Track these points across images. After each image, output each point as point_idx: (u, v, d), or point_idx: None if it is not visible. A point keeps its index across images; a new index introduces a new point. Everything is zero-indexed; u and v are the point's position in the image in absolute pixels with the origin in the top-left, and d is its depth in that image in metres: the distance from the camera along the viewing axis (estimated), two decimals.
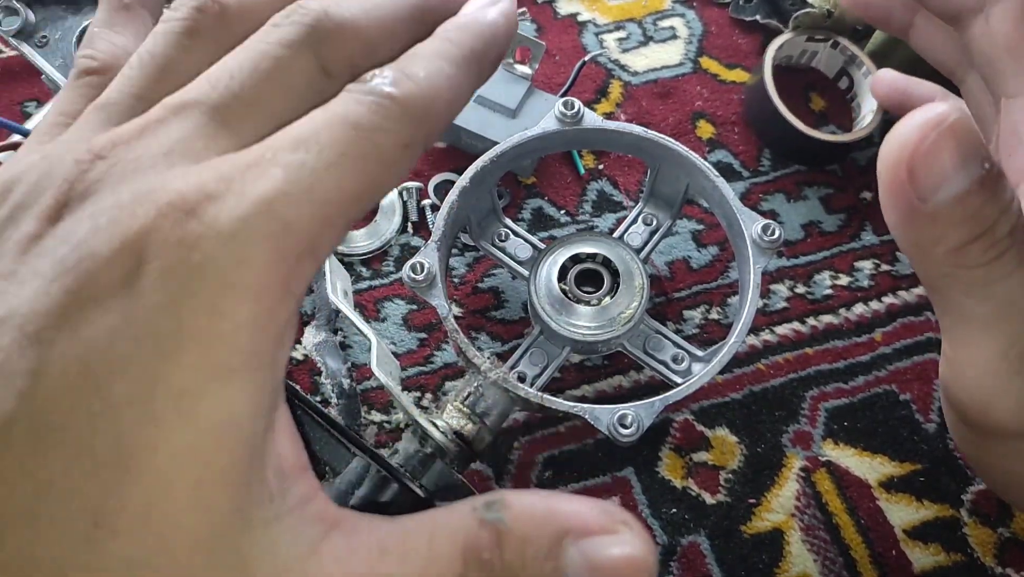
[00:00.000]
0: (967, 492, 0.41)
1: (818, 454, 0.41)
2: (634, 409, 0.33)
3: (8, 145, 0.37)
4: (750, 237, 0.37)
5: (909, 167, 0.18)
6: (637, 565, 0.16)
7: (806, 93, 0.51)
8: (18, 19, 0.37)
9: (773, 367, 0.43)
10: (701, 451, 0.41)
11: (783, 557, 0.39)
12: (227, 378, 0.16)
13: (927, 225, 0.19)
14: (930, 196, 0.18)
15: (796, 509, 0.40)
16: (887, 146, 0.19)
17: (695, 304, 0.45)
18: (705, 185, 0.39)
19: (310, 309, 0.44)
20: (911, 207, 0.19)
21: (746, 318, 0.36)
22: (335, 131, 0.17)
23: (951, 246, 0.19)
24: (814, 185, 0.48)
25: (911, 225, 0.19)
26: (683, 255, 0.46)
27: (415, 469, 0.32)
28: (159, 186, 0.16)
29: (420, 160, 0.48)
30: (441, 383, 0.43)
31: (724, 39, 0.53)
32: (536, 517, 0.16)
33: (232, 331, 0.16)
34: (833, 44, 0.50)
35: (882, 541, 0.39)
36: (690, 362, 0.39)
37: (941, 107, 0.18)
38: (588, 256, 0.40)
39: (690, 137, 0.50)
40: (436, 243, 0.37)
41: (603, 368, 0.43)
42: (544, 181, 0.48)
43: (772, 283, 0.46)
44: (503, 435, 0.41)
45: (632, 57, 0.52)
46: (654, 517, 0.40)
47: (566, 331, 0.38)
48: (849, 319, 0.45)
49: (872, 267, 0.46)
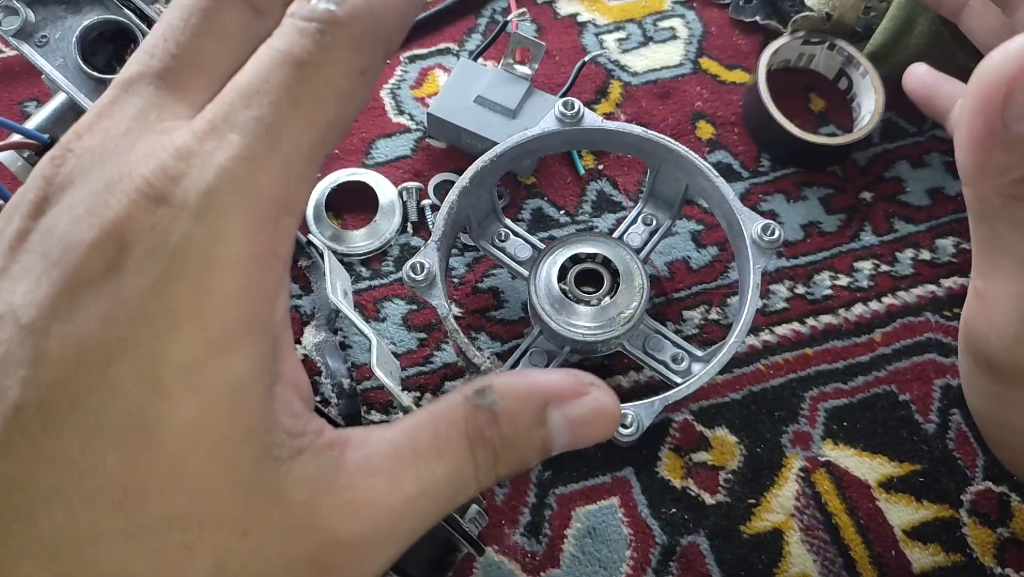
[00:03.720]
0: (967, 492, 0.41)
1: (818, 454, 0.41)
2: (634, 409, 0.33)
3: (8, 145, 0.37)
4: (750, 237, 0.37)
5: (1009, 88, 0.18)
6: (605, 413, 0.19)
7: (806, 94, 0.52)
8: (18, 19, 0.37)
9: (773, 367, 0.43)
10: (701, 451, 0.41)
11: (782, 557, 0.39)
12: (226, 350, 0.16)
13: (1001, 151, 0.19)
14: (1016, 122, 0.18)
15: (795, 509, 0.40)
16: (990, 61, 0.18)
17: (695, 304, 0.45)
18: (705, 185, 0.39)
19: (310, 309, 0.44)
20: (991, 129, 0.19)
21: (746, 318, 0.36)
22: (283, 75, 0.17)
23: (1016, 176, 0.19)
24: (814, 185, 0.48)
25: (983, 147, 0.19)
26: (683, 255, 0.46)
27: None
28: (125, 173, 0.16)
29: (420, 160, 0.48)
30: (441, 383, 0.43)
31: (724, 40, 0.53)
32: (521, 394, 0.19)
33: (223, 304, 0.16)
34: (830, 46, 0.50)
35: (881, 541, 0.39)
36: (690, 362, 0.39)
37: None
38: (588, 256, 0.40)
39: (690, 137, 0.50)
40: (436, 243, 0.37)
41: (603, 368, 0.43)
42: (544, 181, 0.48)
43: (772, 283, 0.46)
44: None
45: (632, 57, 0.53)
46: (654, 517, 0.40)
47: (566, 331, 0.38)
48: (849, 319, 0.45)
49: (872, 267, 0.46)
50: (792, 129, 0.47)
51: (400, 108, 0.50)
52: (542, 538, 0.39)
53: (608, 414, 0.19)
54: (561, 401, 0.19)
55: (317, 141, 0.17)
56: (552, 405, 0.19)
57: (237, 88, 0.17)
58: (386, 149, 0.49)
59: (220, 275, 0.16)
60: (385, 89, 0.51)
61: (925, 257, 0.46)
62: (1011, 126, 0.18)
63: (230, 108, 0.17)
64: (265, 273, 0.17)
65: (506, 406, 0.18)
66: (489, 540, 0.39)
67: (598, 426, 0.19)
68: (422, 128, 0.49)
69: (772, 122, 0.47)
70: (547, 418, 0.19)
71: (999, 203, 0.20)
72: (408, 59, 0.52)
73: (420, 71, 0.52)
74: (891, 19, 0.47)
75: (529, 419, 0.19)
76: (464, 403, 0.19)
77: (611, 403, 0.19)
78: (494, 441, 0.18)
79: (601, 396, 0.19)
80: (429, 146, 0.49)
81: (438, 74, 0.52)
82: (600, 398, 0.19)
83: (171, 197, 0.16)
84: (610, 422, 0.19)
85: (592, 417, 0.19)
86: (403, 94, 0.51)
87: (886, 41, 0.48)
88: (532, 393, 0.19)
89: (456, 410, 0.19)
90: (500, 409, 0.18)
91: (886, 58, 0.48)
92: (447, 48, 0.53)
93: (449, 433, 0.18)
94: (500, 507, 0.40)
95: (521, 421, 0.19)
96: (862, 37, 0.50)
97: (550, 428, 0.19)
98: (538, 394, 0.19)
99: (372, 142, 0.49)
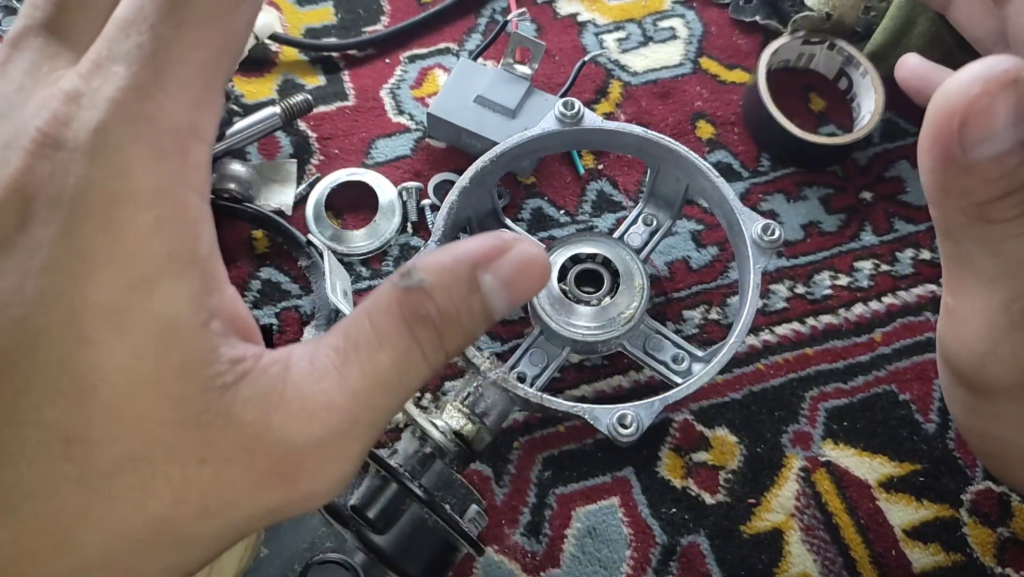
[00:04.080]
0: (967, 492, 0.41)
1: (818, 454, 0.41)
2: (634, 409, 0.33)
3: None
4: (750, 237, 0.37)
5: (963, 117, 0.18)
6: (533, 262, 0.19)
7: (806, 94, 0.52)
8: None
9: (773, 367, 0.43)
10: (701, 451, 0.41)
11: (783, 557, 0.39)
12: (149, 287, 0.16)
13: (960, 174, 0.19)
14: (972, 149, 0.18)
15: (796, 509, 0.40)
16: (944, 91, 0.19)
17: (695, 304, 0.45)
18: (705, 185, 0.39)
19: (310, 309, 0.44)
20: (949, 154, 0.19)
21: (746, 318, 0.36)
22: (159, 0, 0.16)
23: (977, 199, 0.19)
24: (814, 185, 0.48)
25: (943, 171, 0.19)
26: (683, 255, 0.46)
27: (414, 469, 0.32)
28: (22, 129, 0.16)
29: (420, 160, 0.48)
30: (441, 383, 0.43)
31: (724, 40, 0.53)
32: (447, 266, 0.18)
33: (137, 241, 0.16)
34: (830, 46, 0.50)
35: (882, 541, 0.39)
36: (690, 362, 0.39)
37: (1007, 62, 0.18)
38: (588, 256, 0.40)
39: (690, 137, 0.50)
40: (436, 243, 0.37)
41: (603, 368, 0.43)
42: (544, 181, 0.48)
43: (772, 283, 0.46)
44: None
45: (632, 57, 0.53)
46: (654, 517, 0.40)
47: (566, 331, 0.38)
48: (849, 319, 0.45)
49: (872, 267, 0.46)
50: (792, 129, 0.47)
51: (400, 108, 0.50)
52: (542, 538, 0.39)
53: (536, 262, 0.19)
54: (488, 262, 0.19)
55: (210, 61, 0.17)
56: (480, 269, 0.18)
57: (116, 21, 0.17)
58: (386, 149, 0.49)
59: (128, 211, 0.16)
60: (385, 89, 0.51)
61: (925, 257, 0.46)
62: (968, 152, 0.18)
63: (111, 41, 0.16)
64: (179, 205, 0.16)
65: (435, 281, 0.18)
66: (489, 540, 0.39)
67: (530, 278, 0.19)
68: (422, 128, 0.49)
69: (772, 122, 0.47)
70: (479, 283, 0.18)
71: (963, 222, 0.20)
72: (408, 59, 0.52)
73: (420, 71, 0.52)
74: (891, 19, 0.47)
75: (462, 288, 0.18)
76: (393, 289, 0.18)
77: (536, 252, 0.19)
78: (432, 318, 0.18)
79: (525, 247, 0.19)
80: (429, 146, 0.49)
81: (438, 74, 0.52)
82: (525, 249, 0.19)
83: (64, 141, 0.16)
84: (540, 270, 0.19)
85: (521, 270, 0.19)
86: (403, 94, 0.51)
87: (886, 41, 0.48)
88: (457, 262, 0.18)
89: (387, 297, 0.18)
90: (430, 285, 0.18)
91: (886, 58, 0.48)
92: (447, 48, 0.53)
93: (385, 321, 0.18)
94: (500, 507, 0.40)
95: (454, 292, 0.18)
96: (862, 37, 0.50)
97: (484, 292, 0.19)
98: (463, 261, 0.18)
99: (372, 142, 0.49)
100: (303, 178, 0.48)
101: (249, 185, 0.45)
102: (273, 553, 0.34)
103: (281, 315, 0.44)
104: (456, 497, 0.32)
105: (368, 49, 0.52)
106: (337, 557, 0.32)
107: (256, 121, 0.46)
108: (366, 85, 0.51)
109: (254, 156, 0.48)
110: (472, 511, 0.33)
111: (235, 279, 0.45)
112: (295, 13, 0.53)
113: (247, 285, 0.45)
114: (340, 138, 0.49)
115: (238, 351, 0.17)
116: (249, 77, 0.51)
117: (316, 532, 0.34)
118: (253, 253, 0.46)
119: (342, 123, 0.49)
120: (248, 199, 0.45)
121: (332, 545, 0.33)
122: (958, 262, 0.22)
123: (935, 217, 0.21)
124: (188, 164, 0.17)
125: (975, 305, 0.21)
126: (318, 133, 0.49)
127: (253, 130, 0.46)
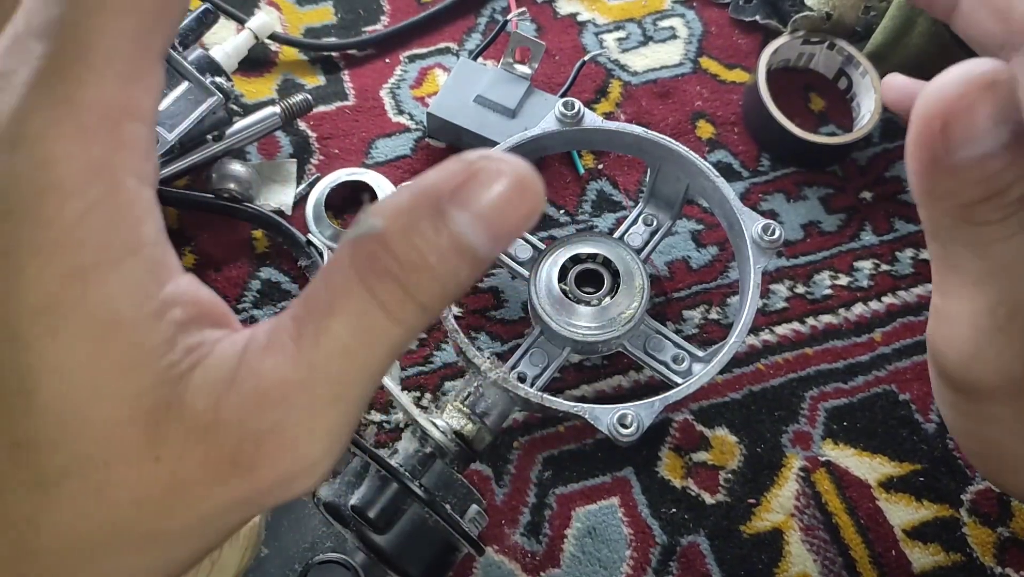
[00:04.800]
0: (967, 492, 0.41)
1: (818, 454, 0.41)
2: (634, 409, 0.33)
3: None
4: (750, 237, 0.37)
5: (945, 120, 0.18)
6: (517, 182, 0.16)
7: (806, 93, 0.52)
8: None
9: (773, 367, 0.43)
10: (701, 451, 0.41)
11: (782, 557, 0.39)
12: (83, 280, 0.15)
13: (945, 177, 0.19)
14: (956, 151, 0.18)
15: (796, 509, 0.40)
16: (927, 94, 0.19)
17: (695, 304, 0.45)
18: (705, 185, 0.39)
19: None
20: (935, 157, 0.19)
21: (746, 318, 0.36)
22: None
23: (962, 201, 0.19)
24: (814, 185, 0.48)
25: (929, 174, 0.19)
26: (683, 255, 0.46)
27: (415, 469, 0.32)
28: None
29: (420, 160, 0.48)
30: (441, 383, 0.43)
31: (724, 39, 0.53)
32: (404, 205, 0.15)
33: (67, 233, 0.15)
34: (829, 46, 0.50)
35: (882, 541, 0.40)
36: (690, 362, 0.39)
37: (988, 65, 0.18)
38: (588, 256, 0.40)
39: (690, 137, 0.50)
40: None
41: (603, 368, 0.43)
42: (544, 181, 0.48)
43: (772, 283, 0.46)
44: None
45: (632, 57, 0.53)
46: (654, 517, 0.40)
47: (566, 331, 0.38)
48: (849, 319, 0.45)
49: (872, 267, 0.46)
50: (792, 129, 0.47)
51: (400, 108, 0.50)
52: (542, 538, 0.39)
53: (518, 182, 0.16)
54: (455, 194, 0.15)
55: (141, 29, 0.15)
56: (447, 202, 0.15)
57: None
58: (386, 149, 0.49)
59: (55, 202, 0.14)
60: (385, 89, 0.51)
61: (925, 257, 0.46)
62: (953, 154, 0.18)
63: (30, 13, 0.15)
64: (112, 190, 0.15)
65: (392, 225, 0.15)
66: (489, 540, 0.39)
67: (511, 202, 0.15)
68: (422, 128, 0.49)
69: (772, 122, 0.47)
70: (449, 219, 0.15)
71: (949, 224, 0.20)
72: (408, 59, 0.52)
73: (420, 71, 0.52)
74: (891, 19, 0.47)
75: (426, 229, 0.15)
76: (346, 243, 0.16)
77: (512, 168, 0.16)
78: (391, 269, 0.15)
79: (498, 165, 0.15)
80: (429, 146, 0.49)
81: (438, 74, 0.52)
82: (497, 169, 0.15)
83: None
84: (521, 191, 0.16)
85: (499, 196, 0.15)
86: (403, 94, 0.51)
87: (886, 41, 0.48)
88: (416, 199, 0.15)
89: (340, 253, 0.16)
90: (386, 230, 0.15)
91: (886, 58, 0.48)
92: (447, 48, 0.53)
93: (338, 280, 0.16)
94: (500, 507, 0.40)
95: (417, 235, 0.15)
96: (862, 37, 0.50)
97: (457, 230, 0.15)
98: (424, 197, 0.15)
99: (372, 142, 0.49)
100: (303, 178, 0.48)
101: (249, 185, 0.45)
102: (274, 553, 0.34)
103: None
104: (456, 497, 0.33)
105: (368, 49, 0.52)
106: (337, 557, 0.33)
107: (256, 121, 0.46)
108: (366, 85, 0.51)
109: (254, 156, 0.48)
110: (472, 511, 0.33)
111: (235, 279, 0.45)
112: (295, 13, 0.53)
113: (247, 285, 0.45)
114: (340, 138, 0.49)
115: (196, 338, 0.16)
116: (249, 77, 0.51)
117: (316, 532, 0.34)
118: (253, 253, 0.46)
119: (342, 123, 0.49)
120: (248, 199, 0.45)
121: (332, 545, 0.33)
122: (945, 264, 0.22)
123: (923, 219, 0.21)
124: (122, 145, 0.15)
125: (962, 307, 0.21)
126: (318, 133, 0.49)
127: (253, 130, 0.46)
